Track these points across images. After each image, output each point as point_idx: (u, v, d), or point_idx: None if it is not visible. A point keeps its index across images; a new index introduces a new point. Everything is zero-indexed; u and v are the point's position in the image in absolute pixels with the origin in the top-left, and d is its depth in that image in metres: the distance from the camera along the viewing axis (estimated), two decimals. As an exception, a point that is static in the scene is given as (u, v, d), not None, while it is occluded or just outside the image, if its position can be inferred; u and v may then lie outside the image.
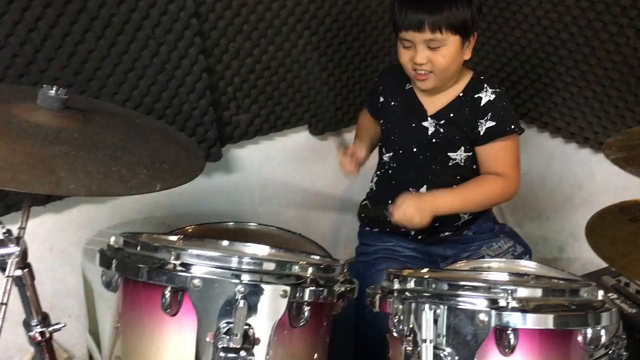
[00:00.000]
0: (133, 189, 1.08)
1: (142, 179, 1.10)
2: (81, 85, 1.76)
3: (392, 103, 1.80)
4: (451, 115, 1.72)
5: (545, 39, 2.18)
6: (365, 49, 2.30)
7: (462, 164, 1.76)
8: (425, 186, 1.78)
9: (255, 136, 2.19)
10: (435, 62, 1.61)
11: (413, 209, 1.61)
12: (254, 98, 2.11)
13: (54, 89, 1.16)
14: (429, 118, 1.74)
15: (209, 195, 2.21)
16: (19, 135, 1.08)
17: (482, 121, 1.69)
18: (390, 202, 1.71)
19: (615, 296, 1.79)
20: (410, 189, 1.78)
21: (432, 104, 1.75)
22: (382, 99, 1.83)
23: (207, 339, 1.04)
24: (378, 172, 1.94)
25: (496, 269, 1.50)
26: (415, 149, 1.77)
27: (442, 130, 1.73)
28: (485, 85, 1.71)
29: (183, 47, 1.87)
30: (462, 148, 1.74)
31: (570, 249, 2.41)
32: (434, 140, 1.74)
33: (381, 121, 1.84)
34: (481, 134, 1.70)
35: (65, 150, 1.08)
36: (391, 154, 1.82)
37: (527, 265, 1.57)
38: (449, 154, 1.75)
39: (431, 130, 1.74)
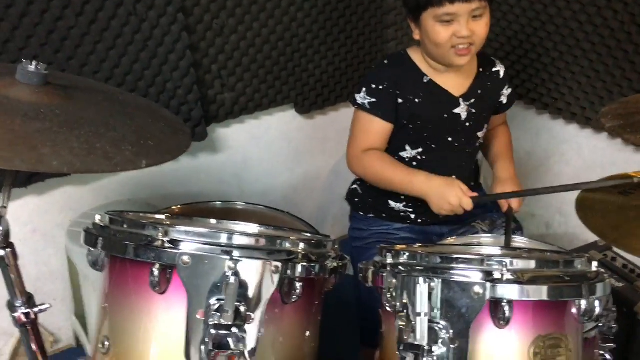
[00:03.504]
0: (118, 166, 1.06)
1: (127, 156, 1.07)
2: (61, 64, 1.72)
3: (416, 100, 1.67)
4: (479, 91, 1.73)
5: (532, 15, 2.17)
6: (351, 25, 2.28)
7: (481, 142, 1.83)
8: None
9: (240, 115, 2.16)
10: (478, 32, 1.56)
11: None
12: (239, 76, 2.08)
13: (34, 63, 1.12)
14: (460, 101, 1.70)
15: (195, 176, 2.18)
16: (-2, 111, 1.04)
17: (504, 91, 1.82)
18: (403, 196, 1.76)
19: (602, 270, 1.80)
20: None
21: (457, 87, 1.70)
22: (400, 101, 1.67)
23: (198, 317, 1.01)
24: None
25: (487, 245, 1.50)
26: (450, 138, 1.73)
27: (474, 110, 1.72)
28: (492, 58, 1.81)
29: (166, 24, 1.83)
30: (486, 125, 1.79)
31: (557, 225, 2.42)
32: (467, 124, 1.72)
33: (404, 122, 1.70)
34: (504, 102, 1.83)
35: (46, 127, 1.05)
36: (420, 149, 1.73)
37: (518, 241, 1.57)
38: (477, 133, 1.78)
39: (464, 115, 1.71)
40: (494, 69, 1.78)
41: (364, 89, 1.68)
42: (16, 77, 1.12)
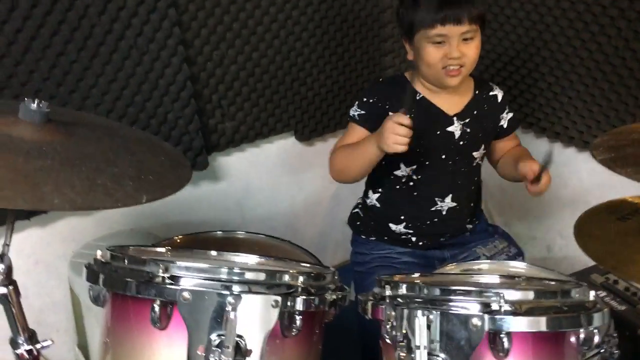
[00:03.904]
0: (119, 202, 1.07)
1: (127, 191, 1.09)
2: (63, 97, 1.74)
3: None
4: (475, 112, 1.74)
5: (527, 41, 2.19)
6: (349, 53, 2.30)
7: (480, 163, 1.83)
8: (450, 194, 1.77)
9: (241, 144, 2.18)
10: (468, 54, 1.60)
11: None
12: (239, 105, 2.10)
13: (36, 102, 1.13)
14: (454, 120, 1.72)
15: (196, 204, 2.19)
16: (1, 149, 1.06)
17: (503, 115, 1.82)
18: (403, 216, 1.78)
19: (604, 294, 1.80)
20: (436, 198, 1.78)
21: (451, 106, 1.73)
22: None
23: (199, 353, 1.02)
24: (381, 189, 1.84)
25: (487, 271, 1.50)
26: (444, 156, 1.74)
27: (468, 129, 1.73)
28: (490, 83, 1.83)
29: (166, 56, 1.86)
30: (483, 146, 1.79)
31: (558, 248, 2.42)
32: (461, 142, 1.74)
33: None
34: (505, 127, 1.83)
35: (48, 165, 1.06)
36: (414, 167, 1.75)
37: (517, 267, 1.57)
38: (473, 153, 1.78)
39: (457, 133, 1.73)
40: (491, 93, 1.80)
41: (356, 103, 1.75)
42: (19, 116, 1.14)
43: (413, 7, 1.61)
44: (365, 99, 1.73)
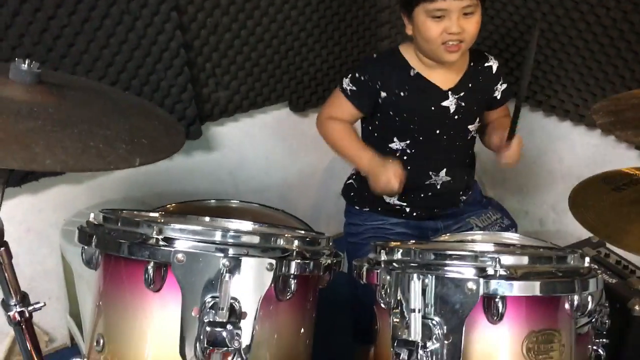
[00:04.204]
0: (112, 164, 1.05)
1: (120, 154, 1.07)
2: (54, 62, 1.72)
3: (402, 94, 1.70)
4: (469, 85, 1.73)
5: (525, 12, 2.17)
6: (345, 23, 2.28)
7: (474, 135, 1.82)
8: (445, 169, 1.78)
9: (235, 113, 2.16)
10: (468, 29, 1.58)
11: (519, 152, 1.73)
12: (233, 74, 2.08)
13: (27, 62, 1.11)
14: (449, 94, 1.71)
15: (189, 174, 2.18)
16: (-10, 110, 1.04)
17: (497, 86, 1.81)
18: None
19: (595, 266, 1.81)
20: (430, 172, 1.78)
21: (445, 81, 1.71)
22: (384, 94, 1.70)
23: (193, 314, 1.02)
24: None
25: (481, 241, 1.51)
26: (438, 131, 1.74)
27: (463, 103, 1.72)
28: (485, 54, 1.80)
29: (159, 22, 1.83)
30: (478, 118, 1.78)
31: (550, 222, 2.43)
32: (456, 117, 1.73)
33: (390, 114, 1.73)
34: (498, 98, 1.82)
35: (39, 125, 1.04)
36: (408, 141, 1.76)
37: (511, 237, 1.58)
38: (468, 127, 1.78)
39: (452, 108, 1.71)
40: (486, 64, 1.78)
41: (349, 76, 1.74)
42: (9, 76, 1.11)
43: None
44: (357, 75, 1.73)
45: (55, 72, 1.67)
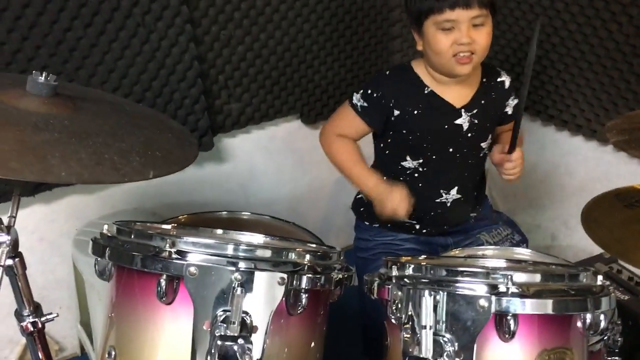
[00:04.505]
0: (126, 177, 1.06)
1: (135, 167, 1.08)
2: (70, 74, 1.74)
3: (415, 112, 1.68)
4: (482, 102, 1.71)
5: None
6: (357, 36, 2.28)
7: (487, 152, 1.79)
8: (456, 187, 1.76)
9: (247, 125, 2.17)
10: (479, 40, 1.55)
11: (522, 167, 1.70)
12: (245, 87, 2.09)
13: (44, 75, 1.13)
14: (462, 112, 1.69)
15: (200, 185, 2.19)
16: (8, 122, 1.05)
17: (509, 101, 1.78)
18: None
19: (607, 283, 1.80)
20: (441, 191, 1.77)
21: (458, 98, 1.69)
22: (397, 112, 1.68)
23: (204, 328, 1.02)
24: (386, 178, 1.78)
25: (492, 257, 1.50)
26: (451, 149, 1.72)
27: (475, 121, 1.70)
28: (498, 69, 1.78)
29: (173, 34, 1.85)
30: (490, 135, 1.76)
31: (562, 237, 2.42)
32: (469, 134, 1.71)
33: (403, 132, 1.71)
34: (509, 113, 1.78)
35: (55, 137, 1.05)
36: (421, 160, 1.74)
37: (522, 253, 1.57)
38: (481, 144, 1.75)
39: (466, 126, 1.70)
40: (498, 79, 1.76)
41: (361, 91, 1.72)
42: (26, 89, 1.13)
43: None
44: (370, 91, 1.70)
45: (71, 83, 1.69)
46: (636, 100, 1.97)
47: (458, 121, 1.69)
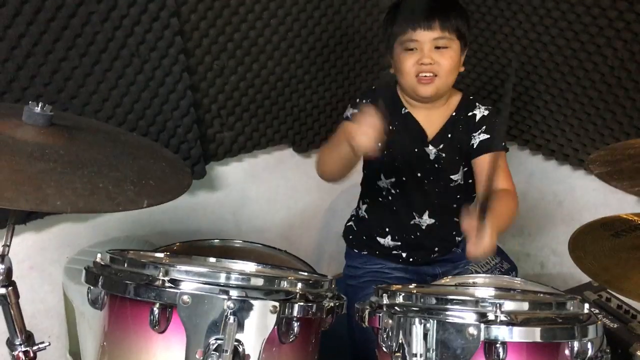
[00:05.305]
0: (120, 206, 1.07)
1: (129, 196, 1.09)
2: (64, 103, 1.75)
3: (391, 127, 1.71)
4: (449, 135, 1.71)
5: (524, 58, 2.22)
6: (348, 67, 2.33)
7: (462, 183, 1.77)
8: (427, 211, 1.78)
9: (239, 154, 2.19)
10: (441, 62, 1.59)
11: (491, 242, 1.36)
12: (237, 116, 2.12)
13: (40, 105, 1.15)
14: (429, 145, 1.71)
15: (192, 213, 2.20)
16: (4, 151, 1.06)
17: (475, 134, 1.70)
18: (387, 229, 1.78)
19: (597, 311, 1.81)
20: (414, 213, 1.79)
21: (430, 125, 1.72)
22: None
23: (197, 356, 1.02)
24: (368, 200, 1.87)
25: (481, 285, 1.51)
26: (419, 174, 1.74)
27: (443, 154, 1.72)
28: (477, 103, 1.74)
29: (167, 64, 1.87)
30: (461, 167, 1.75)
31: (551, 265, 2.44)
32: (436, 165, 1.73)
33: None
34: (474, 146, 1.69)
35: (51, 167, 1.07)
36: (393, 179, 1.77)
37: (512, 281, 1.59)
38: (451, 176, 1.75)
39: (432, 155, 1.72)
40: (469, 113, 1.72)
41: (350, 105, 1.77)
42: (22, 119, 1.15)
43: (392, 19, 1.65)
44: (358, 100, 1.75)
45: (65, 112, 1.70)
46: (622, 130, 2.01)
47: (427, 149, 1.72)
